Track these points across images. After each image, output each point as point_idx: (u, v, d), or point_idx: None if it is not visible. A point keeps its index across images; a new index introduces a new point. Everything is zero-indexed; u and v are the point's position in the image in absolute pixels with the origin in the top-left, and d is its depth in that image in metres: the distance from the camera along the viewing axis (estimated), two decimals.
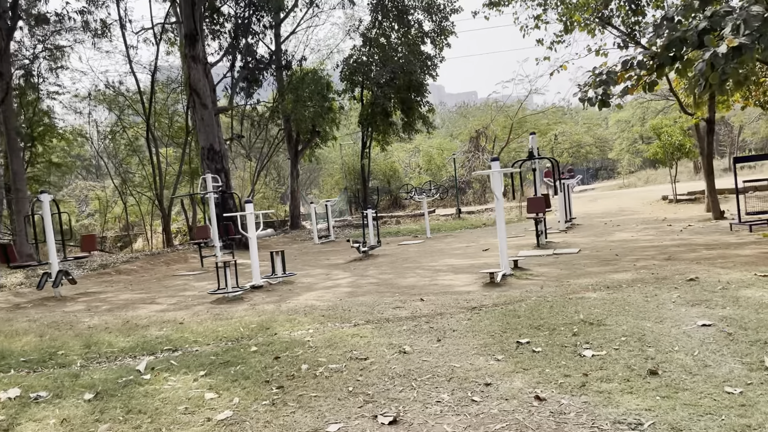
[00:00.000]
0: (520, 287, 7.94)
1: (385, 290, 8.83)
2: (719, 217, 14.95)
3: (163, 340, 6.47)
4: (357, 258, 14.03)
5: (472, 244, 15.22)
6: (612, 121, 52.52)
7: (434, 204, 28.44)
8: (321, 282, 10.51)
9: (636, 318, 5.55)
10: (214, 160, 20.19)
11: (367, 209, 15.06)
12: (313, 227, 20.95)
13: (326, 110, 25.21)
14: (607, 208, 22.72)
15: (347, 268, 12.36)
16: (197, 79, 20.05)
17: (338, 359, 5.11)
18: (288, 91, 24.88)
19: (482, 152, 32.69)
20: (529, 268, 9.75)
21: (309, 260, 15.15)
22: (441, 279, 9.52)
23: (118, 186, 24.30)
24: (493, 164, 8.99)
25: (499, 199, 8.93)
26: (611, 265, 9.25)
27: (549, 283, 8.10)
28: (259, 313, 7.71)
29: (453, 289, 8.39)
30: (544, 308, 6.33)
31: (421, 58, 23.68)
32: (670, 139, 20.47)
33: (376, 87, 23.42)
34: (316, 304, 8.05)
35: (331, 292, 9.16)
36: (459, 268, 10.69)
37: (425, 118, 24.75)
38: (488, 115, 33.74)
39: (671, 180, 21.28)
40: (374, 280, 10.09)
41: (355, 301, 8.01)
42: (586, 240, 13.49)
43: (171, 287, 11.72)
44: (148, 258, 17.98)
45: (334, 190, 34.36)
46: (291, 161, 26.94)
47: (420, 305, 7.24)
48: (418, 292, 8.36)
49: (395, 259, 13.21)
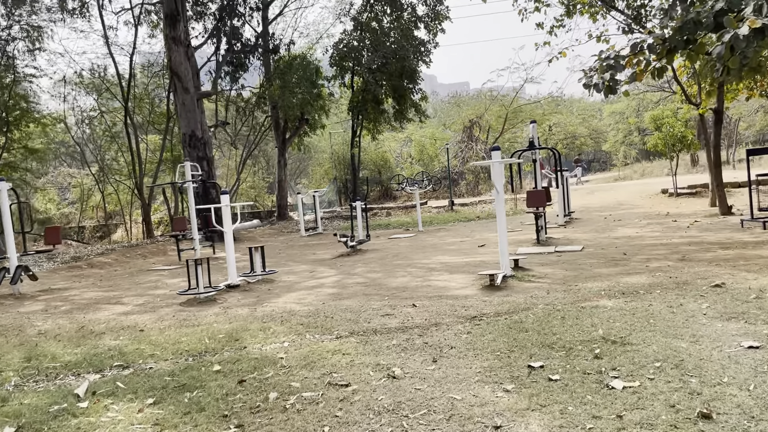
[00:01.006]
0: (523, 291, 7.12)
1: (374, 292, 7.99)
2: (727, 212, 14.21)
3: (116, 354, 5.59)
4: (344, 253, 13.17)
5: (467, 239, 14.40)
6: (606, 112, 51.83)
7: (426, 195, 27.62)
8: (304, 281, 9.65)
9: (666, 335, 4.74)
10: (196, 147, 19.22)
11: (356, 201, 14.18)
12: (300, 219, 20.06)
13: (315, 97, 24.25)
14: (605, 201, 21.97)
15: (333, 265, 11.51)
16: (178, 62, 19.02)
17: (314, 385, 4.27)
18: (275, 77, 23.88)
19: (476, 142, 31.84)
20: (530, 268, 8.93)
21: (294, 255, 14.28)
22: (435, 279, 8.69)
23: (95, 174, 23.19)
24: (494, 154, 8.15)
25: (499, 193, 8.09)
26: (621, 266, 8.45)
27: (555, 286, 7.28)
28: (231, 319, 6.85)
29: (448, 292, 7.56)
30: (555, 320, 5.51)
31: (414, 43, 22.73)
32: (671, 131, 19.69)
33: (367, 73, 22.46)
34: (296, 308, 7.20)
35: (314, 293, 8.30)
36: (454, 266, 9.86)
37: (418, 106, 23.84)
38: (482, 105, 32.85)
39: (672, 173, 20.55)
40: (362, 280, 9.25)
41: (340, 305, 7.16)
42: (588, 236, 12.70)
43: (142, 284, 10.82)
44: (125, 250, 17.05)
45: (324, 180, 33.44)
46: (278, 150, 25.98)
47: (412, 312, 6.40)
48: (410, 295, 7.53)
49: (385, 255, 12.37)
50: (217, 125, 23.69)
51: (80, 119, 22.45)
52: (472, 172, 31.10)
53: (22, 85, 23.66)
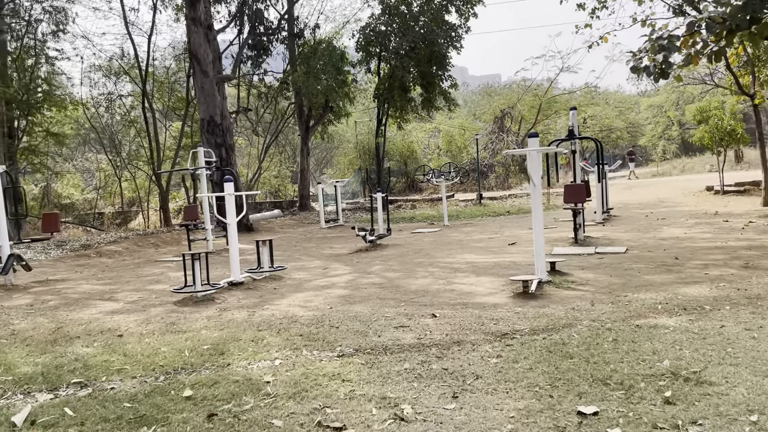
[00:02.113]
0: (563, 302, 6.10)
1: (389, 295, 7.05)
2: None
3: (80, 367, 4.75)
4: (363, 248, 12.25)
5: (495, 236, 13.35)
6: (643, 105, 49.81)
7: (453, 188, 26.54)
8: (314, 279, 8.75)
9: (754, 372, 3.70)
10: (215, 133, 18.46)
11: (377, 192, 13.22)
12: (320, 210, 19.20)
13: (340, 84, 23.30)
14: (644, 197, 20.62)
15: (349, 261, 10.59)
16: (198, 44, 18.25)
17: (301, 425, 3.34)
18: (299, 62, 22.99)
19: (507, 133, 30.56)
20: (569, 272, 7.88)
21: (309, 248, 13.41)
22: (459, 282, 7.70)
23: (112, 159, 22.65)
24: (531, 141, 7.11)
25: (536, 186, 7.05)
26: (674, 273, 7.36)
27: (600, 296, 6.24)
28: (224, 324, 5.97)
29: (474, 298, 6.57)
30: (606, 342, 4.50)
31: (445, 28, 21.60)
32: (719, 124, 18.26)
33: (395, 58, 21.42)
34: (299, 313, 6.29)
35: (323, 294, 7.39)
36: (481, 267, 8.85)
37: (447, 94, 22.72)
38: (515, 94, 31.51)
39: (719, 169, 19.10)
40: (377, 280, 8.31)
41: (349, 311, 6.24)
42: (631, 236, 11.55)
43: (143, 277, 10.06)
44: (138, 238, 16.40)
45: (348, 170, 32.55)
46: (301, 138, 25.15)
47: (431, 324, 5.44)
48: (430, 301, 6.56)
49: (406, 252, 11.42)
50: (239, 112, 22.96)
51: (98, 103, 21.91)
52: (503, 165, 29.85)
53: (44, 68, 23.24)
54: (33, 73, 22.26)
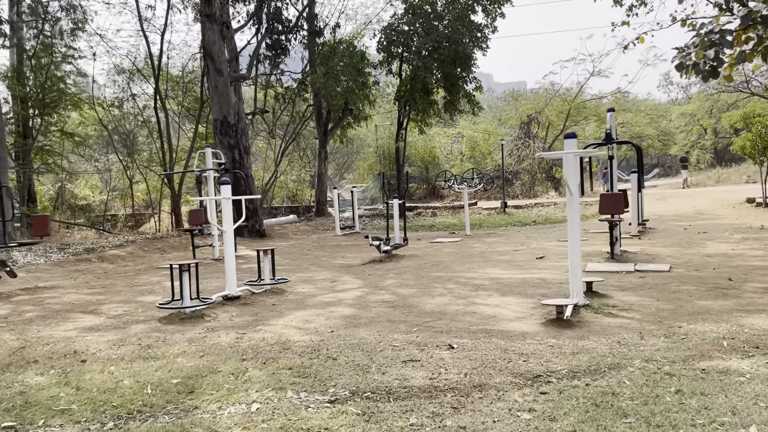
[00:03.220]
0: (605, 332, 5.14)
1: (400, 317, 6.15)
2: None
3: (20, 403, 3.94)
4: (377, 258, 11.36)
5: (521, 248, 12.37)
6: (675, 114, 48.21)
7: (476, 196, 25.54)
8: (320, 294, 7.89)
9: None
10: (228, 134, 17.77)
11: (393, 198, 12.34)
12: (335, 216, 18.38)
13: (360, 85, 22.50)
14: (680, 209, 19.40)
15: (361, 274, 9.71)
16: (212, 42, 17.60)
17: None
18: (319, 63, 22.26)
19: (533, 140, 29.46)
20: (607, 293, 6.90)
21: (320, 257, 12.57)
22: (481, 302, 6.77)
23: (122, 160, 22.09)
24: (568, 143, 6.16)
25: (573, 194, 6.10)
26: (732, 298, 6.33)
27: (649, 327, 5.26)
28: (205, 349, 5.13)
29: (499, 324, 5.64)
30: (667, 395, 3.54)
31: (470, 27, 20.67)
32: (765, 131, 17.01)
33: (417, 59, 20.54)
34: (294, 338, 5.43)
35: (326, 314, 6.52)
36: (506, 284, 7.91)
37: (471, 96, 21.76)
38: (542, 99, 30.40)
39: (761, 180, 17.82)
40: (389, 297, 7.41)
41: (352, 336, 5.35)
42: (671, 251, 10.49)
43: (138, 286, 9.30)
44: (145, 243, 15.73)
45: (368, 175, 31.72)
46: (319, 141, 24.40)
47: (446, 358, 4.53)
48: (447, 326, 5.65)
49: (423, 264, 10.50)
50: (255, 113, 22.29)
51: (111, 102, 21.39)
52: (528, 172, 28.75)
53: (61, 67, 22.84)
54: (48, 71, 21.85)
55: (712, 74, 8.52)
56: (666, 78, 56.25)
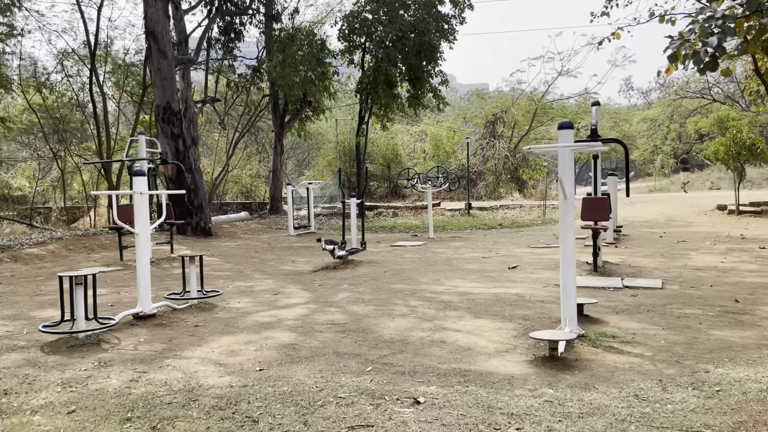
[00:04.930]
0: (613, 378, 3.97)
1: (351, 348, 4.88)
2: None
3: None
4: (330, 265, 10.04)
5: (490, 255, 11.25)
6: (636, 119, 48.31)
7: (439, 196, 24.46)
8: (257, 311, 6.54)
9: None
10: (171, 122, 16.15)
11: (351, 197, 11.04)
12: (289, 215, 16.96)
13: (320, 76, 21.08)
14: (650, 214, 18.67)
15: (310, 284, 8.39)
16: (155, 20, 15.94)
17: None
18: (276, 50, 20.76)
19: (499, 139, 28.56)
20: (601, 317, 5.77)
21: (267, 261, 11.19)
22: (451, 328, 5.55)
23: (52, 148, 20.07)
24: (562, 134, 4.99)
25: (568, 198, 4.93)
26: (750, 327, 5.28)
27: (667, 370, 4.13)
28: (79, 401, 3.76)
29: (476, 363, 4.43)
30: None
31: (437, 18, 19.51)
32: (739, 136, 16.37)
33: (380, 49, 19.27)
34: (209, 380, 4.09)
35: (259, 340, 5.20)
36: (479, 301, 6.72)
37: (436, 91, 20.63)
38: (508, 98, 29.53)
39: (735, 186, 17.19)
40: (340, 317, 6.12)
41: (285, 379, 4.05)
42: (656, 263, 9.51)
43: (41, 295, 7.77)
44: (72, 240, 14.01)
45: (328, 172, 30.30)
46: (275, 134, 22.88)
47: (410, 422, 3.29)
48: (410, 363, 4.41)
49: (382, 272, 9.24)
50: (206, 101, 20.65)
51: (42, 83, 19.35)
52: (493, 172, 27.83)
53: None
54: None
55: (711, 66, 7.48)
56: (627, 83, 56.62)
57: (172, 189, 16.40)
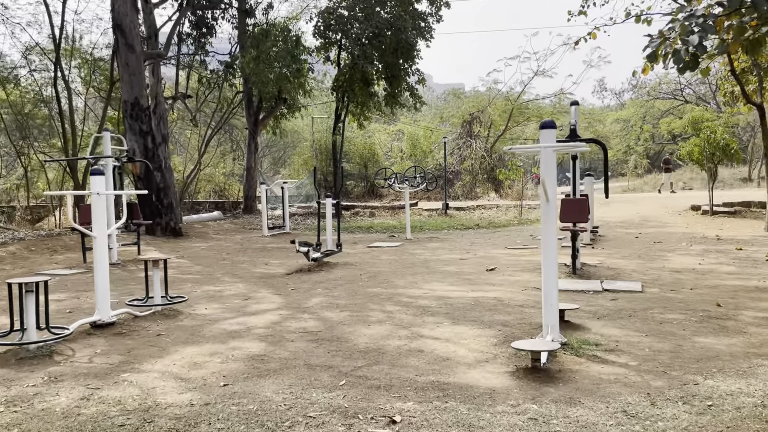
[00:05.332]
0: (599, 391, 3.76)
1: (324, 359, 4.60)
2: None
3: None
4: (304, 267, 9.74)
5: (468, 256, 11.05)
6: (610, 119, 48.78)
7: (416, 196, 24.27)
8: (225, 318, 6.23)
9: None
10: (140, 119, 15.64)
11: (327, 197, 10.75)
12: (263, 215, 16.59)
13: (295, 73, 20.72)
14: (625, 215, 18.70)
15: (283, 287, 8.08)
16: (123, 13, 15.42)
17: None
18: (250, 46, 20.32)
19: (475, 139, 28.47)
20: (583, 323, 5.59)
21: (239, 264, 10.84)
22: (429, 335, 5.31)
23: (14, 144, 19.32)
24: (544, 134, 4.79)
25: (550, 201, 4.73)
26: (735, 333, 5.14)
27: (653, 380, 3.94)
28: (22, 423, 3.43)
29: (455, 374, 4.19)
30: None
31: (414, 15, 19.27)
32: (713, 137, 16.45)
33: (356, 46, 18.96)
34: (166, 399, 3.79)
35: (225, 351, 4.89)
36: (457, 306, 6.49)
37: (414, 90, 20.40)
38: (485, 98, 29.44)
39: (709, 187, 17.30)
40: (313, 324, 5.84)
41: (251, 396, 3.77)
42: (633, 265, 9.40)
43: None
44: (34, 241, 13.47)
45: (304, 171, 29.90)
46: (249, 132, 22.45)
47: None
48: (386, 376, 4.15)
49: (358, 275, 8.97)
50: (177, 98, 20.14)
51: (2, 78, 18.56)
52: (470, 172, 27.72)
53: None
54: None
55: (693, 65, 7.34)
56: (601, 84, 57.24)
57: (141, 188, 15.92)
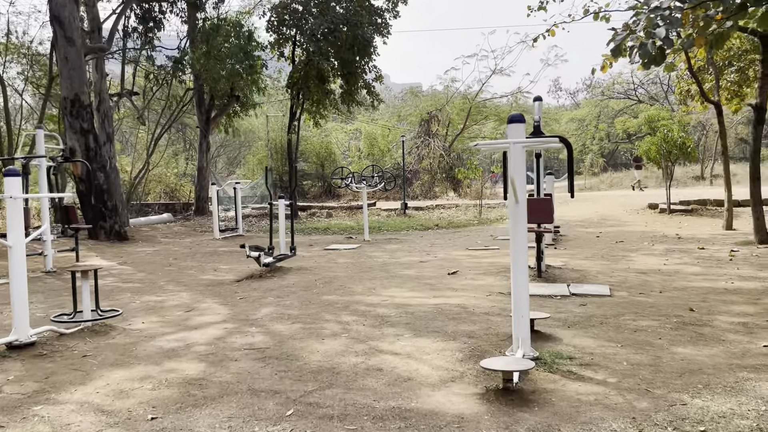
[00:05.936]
0: (579, 417, 3.36)
1: (270, 383, 4.08)
2: (766, 239, 10.97)
3: None
4: (255, 273, 9.15)
5: (428, 258, 10.65)
6: (565, 118, 49.39)
7: (375, 195, 23.83)
8: (163, 333, 5.62)
9: None
10: (81, 116, 14.71)
11: (279, 198, 10.17)
12: (214, 217, 15.85)
13: (248, 69, 20.02)
14: (584, 213, 18.67)
15: (230, 297, 7.49)
16: (61, 4, 14.47)
17: None
18: (200, 41, 19.52)
19: (434, 138, 28.22)
20: (554, 333, 5.22)
21: (186, 270, 10.16)
22: (388, 350, 4.84)
23: None
24: (512, 128, 4.39)
25: (520, 202, 4.33)
26: (714, 342, 4.84)
27: (637, 401, 3.56)
28: None
29: (418, 399, 3.73)
30: None
31: (371, 11, 18.80)
32: (670, 135, 16.52)
33: (311, 42, 18.37)
34: None
35: (159, 374, 4.31)
36: (418, 315, 6.04)
37: (370, 87, 19.94)
38: (443, 97, 29.24)
39: (666, 185, 17.38)
40: (261, 339, 5.30)
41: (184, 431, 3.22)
42: (598, 266, 9.16)
43: None
44: None
45: (258, 171, 29.11)
46: (200, 130, 21.62)
47: None
48: (341, 402, 3.66)
49: (313, 281, 8.45)
50: (122, 95, 19.16)
51: None
52: (428, 171, 27.46)
53: None
54: None
55: (660, 58, 7.06)
56: (555, 83, 58.12)
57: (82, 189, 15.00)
